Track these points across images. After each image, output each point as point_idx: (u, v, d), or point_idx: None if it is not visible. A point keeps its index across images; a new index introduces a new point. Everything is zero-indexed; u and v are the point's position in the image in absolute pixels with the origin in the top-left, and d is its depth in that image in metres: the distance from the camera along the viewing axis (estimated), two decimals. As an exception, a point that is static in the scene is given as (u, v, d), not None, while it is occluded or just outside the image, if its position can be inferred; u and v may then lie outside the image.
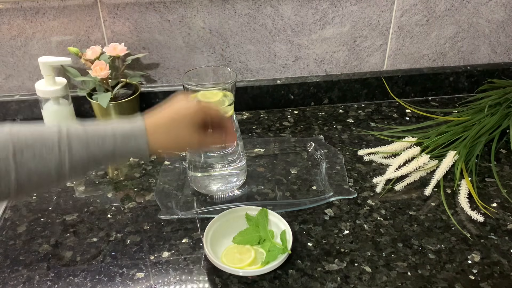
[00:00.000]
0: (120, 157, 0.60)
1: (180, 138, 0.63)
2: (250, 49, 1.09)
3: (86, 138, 0.56)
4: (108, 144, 0.57)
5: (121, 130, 0.59)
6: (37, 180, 0.53)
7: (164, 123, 0.61)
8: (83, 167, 0.57)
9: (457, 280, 0.69)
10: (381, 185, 0.87)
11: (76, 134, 0.56)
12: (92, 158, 0.57)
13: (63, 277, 0.70)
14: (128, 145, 0.59)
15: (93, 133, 0.57)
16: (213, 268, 0.70)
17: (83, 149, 0.56)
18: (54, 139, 0.54)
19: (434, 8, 1.10)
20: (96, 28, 1.02)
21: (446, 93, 1.20)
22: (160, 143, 0.61)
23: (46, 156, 0.53)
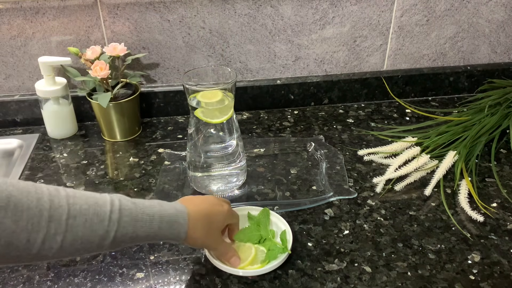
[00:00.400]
0: (157, 239, 0.60)
1: (211, 235, 0.66)
2: (250, 49, 1.09)
3: (136, 215, 0.57)
4: (154, 226, 0.58)
5: (168, 216, 0.60)
6: (78, 247, 0.52)
7: (201, 217, 0.64)
8: (122, 242, 0.56)
9: (457, 280, 0.69)
10: (381, 185, 0.87)
11: (127, 209, 0.56)
12: (135, 236, 0.57)
13: (63, 277, 0.70)
14: (170, 231, 0.60)
15: (142, 211, 0.57)
16: (213, 268, 0.70)
17: (131, 225, 0.56)
18: (107, 209, 0.54)
19: (434, 8, 1.10)
20: (96, 28, 1.02)
21: (446, 93, 1.20)
22: (194, 234, 0.63)
23: (96, 225, 0.53)
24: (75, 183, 0.90)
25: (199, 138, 0.83)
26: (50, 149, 1.01)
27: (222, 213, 0.67)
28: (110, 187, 0.89)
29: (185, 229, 0.61)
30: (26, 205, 0.48)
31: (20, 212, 0.47)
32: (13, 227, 0.46)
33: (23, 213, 0.47)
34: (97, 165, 0.96)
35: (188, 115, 0.95)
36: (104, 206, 0.54)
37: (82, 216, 0.52)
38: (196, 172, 0.86)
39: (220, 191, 0.86)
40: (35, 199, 0.49)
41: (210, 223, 0.65)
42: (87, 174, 0.93)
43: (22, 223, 0.47)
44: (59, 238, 0.50)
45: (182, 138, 1.04)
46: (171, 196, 0.86)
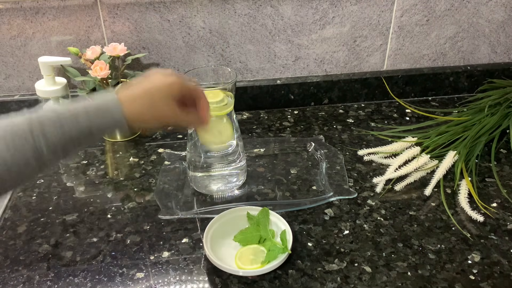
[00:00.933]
0: (98, 133, 0.58)
1: (157, 110, 0.61)
2: (250, 49, 1.09)
3: (59, 119, 0.54)
4: (82, 121, 0.56)
5: (94, 105, 0.57)
6: (17, 171, 0.52)
7: (138, 94, 0.60)
8: (63, 150, 0.55)
9: (457, 280, 0.69)
10: (381, 185, 0.87)
11: (47, 118, 0.54)
12: (69, 139, 0.55)
13: (63, 277, 0.70)
14: (104, 119, 0.57)
15: (65, 113, 0.55)
16: (213, 268, 0.70)
17: (58, 131, 0.54)
18: (25, 127, 0.52)
19: (434, 8, 1.10)
20: (96, 28, 1.02)
21: (446, 93, 1.20)
22: (136, 115, 0.59)
23: (20, 146, 0.51)
24: (75, 183, 0.90)
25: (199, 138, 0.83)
26: (50, 149, 1.01)
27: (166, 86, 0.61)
28: (110, 187, 0.89)
29: (119, 111, 0.57)
30: None
31: None
32: None
33: None
34: (97, 165, 0.96)
35: (188, 115, 0.95)
36: (22, 125, 0.52)
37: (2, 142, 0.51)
38: (196, 172, 0.86)
39: (220, 191, 0.86)
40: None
41: (151, 98, 0.60)
42: (87, 174, 0.93)
43: None
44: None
45: (182, 138, 1.04)
46: (171, 196, 0.86)
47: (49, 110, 0.55)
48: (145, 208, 0.84)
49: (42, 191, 0.88)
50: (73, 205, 0.85)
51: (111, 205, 0.84)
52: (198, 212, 0.82)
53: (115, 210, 0.83)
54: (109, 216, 0.82)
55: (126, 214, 0.82)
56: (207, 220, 0.77)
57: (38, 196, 0.87)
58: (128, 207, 0.84)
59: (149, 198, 0.86)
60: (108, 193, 0.88)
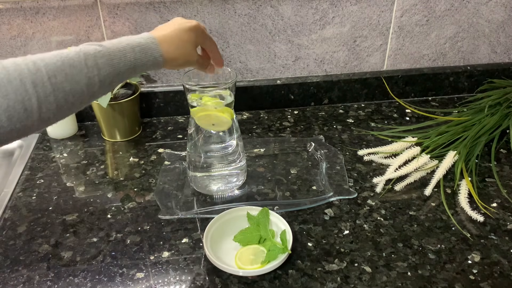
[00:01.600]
0: (139, 69, 0.63)
1: (185, 49, 0.68)
2: (250, 49, 1.09)
3: (109, 54, 0.59)
4: (129, 57, 0.61)
5: (137, 44, 0.63)
6: (72, 101, 0.55)
7: (170, 36, 0.67)
8: (110, 82, 0.60)
9: (457, 280, 0.69)
10: (381, 185, 0.87)
11: (98, 51, 0.58)
12: (117, 72, 0.60)
13: (63, 277, 0.70)
14: (146, 56, 0.63)
15: (114, 49, 0.60)
16: (213, 268, 0.70)
17: (108, 64, 0.59)
18: (81, 59, 0.56)
19: (434, 8, 1.10)
20: (96, 28, 1.02)
21: (446, 93, 1.20)
22: (169, 54, 0.66)
23: (77, 76, 0.55)
24: (75, 183, 0.90)
25: (199, 138, 0.83)
26: (50, 149, 1.01)
27: (191, 27, 0.69)
28: (110, 187, 0.89)
29: (160, 51, 0.65)
30: (6, 79, 0.50)
31: (4, 88, 0.50)
32: (6, 102, 0.50)
33: (7, 87, 0.50)
34: (97, 165, 0.96)
35: (188, 115, 0.95)
36: (76, 57, 0.56)
37: (61, 72, 0.54)
38: (196, 172, 0.86)
39: (220, 191, 0.86)
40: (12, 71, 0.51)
41: (181, 39, 0.68)
42: (87, 174, 0.93)
43: (11, 96, 0.50)
44: (51, 99, 0.53)
45: (182, 138, 1.04)
46: (171, 196, 0.86)
47: (96, 44, 0.59)
48: (145, 208, 0.84)
49: (42, 191, 0.88)
50: (73, 205, 0.85)
51: (111, 205, 0.84)
52: (198, 212, 0.82)
53: (115, 210, 0.83)
54: (109, 216, 0.82)
55: (126, 214, 0.82)
56: (207, 220, 0.77)
57: (38, 196, 0.87)
58: (128, 207, 0.84)
59: (149, 198, 0.86)
60: (108, 193, 0.88)
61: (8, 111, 0.50)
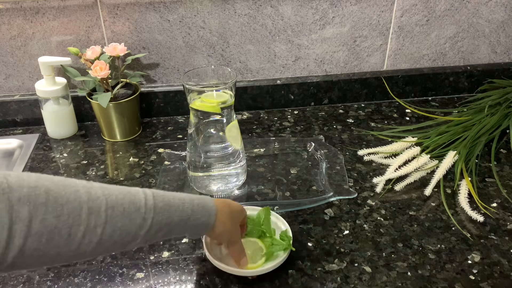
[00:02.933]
0: (190, 226, 0.59)
1: (232, 227, 0.66)
2: (250, 49, 1.09)
3: (168, 199, 0.56)
4: (186, 209, 0.58)
5: (197, 198, 0.61)
6: (116, 239, 0.50)
7: (226, 211, 0.65)
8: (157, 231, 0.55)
9: (457, 280, 0.69)
10: (381, 185, 0.87)
11: (160, 195, 0.56)
12: (169, 222, 0.56)
13: (63, 277, 0.70)
14: (201, 217, 0.60)
15: (173, 196, 0.57)
16: (213, 268, 0.70)
17: (166, 211, 0.55)
18: (141, 197, 0.53)
19: (434, 8, 1.10)
20: (96, 28, 1.02)
21: (446, 93, 1.20)
22: (219, 225, 0.63)
23: (133, 214, 0.51)
24: (75, 183, 0.90)
25: (199, 138, 0.83)
26: (50, 149, 1.01)
27: (240, 208, 0.69)
28: (110, 187, 0.89)
29: (215, 212, 0.62)
30: (65, 198, 0.46)
31: (61, 207, 0.45)
32: (55, 222, 0.45)
33: (63, 207, 0.46)
34: (97, 165, 0.96)
35: (188, 115, 0.95)
36: (137, 194, 0.53)
37: (120, 206, 0.50)
38: (196, 172, 0.86)
39: (220, 191, 0.86)
40: (72, 192, 0.47)
41: (232, 215, 0.66)
42: (87, 174, 0.93)
43: (63, 218, 0.45)
44: (99, 230, 0.48)
45: (182, 138, 1.04)
46: (171, 196, 0.86)
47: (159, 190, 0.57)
48: (145, 208, 0.83)
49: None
50: (73, 205, 0.84)
51: (111, 205, 0.84)
52: (198, 212, 0.82)
53: (115, 210, 0.83)
54: (109, 216, 0.82)
55: (126, 214, 0.82)
56: (207, 220, 0.77)
57: (38, 196, 0.87)
58: (128, 207, 0.84)
59: (149, 198, 0.86)
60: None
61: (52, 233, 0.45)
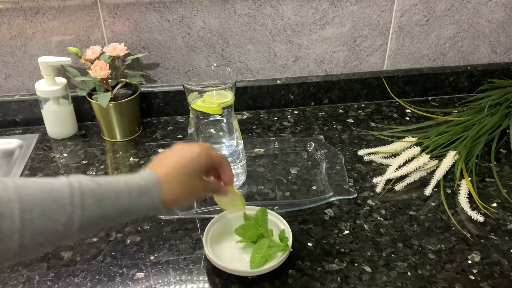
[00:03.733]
0: (133, 215, 0.55)
1: (190, 187, 0.60)
2: (250, 49, 1.09)
3: (100, 193, 0.51)
4: (123, 200, 0.53)
5: (136, 185, 0.55)
6: (41, 241, 0.47)
7: (173, 173, 0.58)
8: (93, 225, 0.51)
9: (457, 280, 0.69)
10: (381, 185, 0.87)
11: (89, 189, 0.51)
12: (104, 216, 0.51)
13: (63, 277, 0.70)
14: (143, 202, 0.55)
15: (107, 187, 0.52)
16: (213, 268, 0.70)
17: (96, 205, 0.50)
18: (65, 194, 0.49)
19: (434, 8, 1.10)
20: (96, 28, 1.02)
21: (446, 93, 1.20)
22: (172, 197, 0.58)
23: (56, 214, 0.47)
24: (75, 183, 0.90)
25: (199, 138, 0.83)
26: (50, 149, 1.01)
27: (195, 158, 0.60)
28: (110, 187, 0.89)
29: (159, 196, 0.56)
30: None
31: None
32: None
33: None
34: (97, 165, 0.96)
35: (188, 115, 0.95)
36: (62, 190, 0.49)
37: (38, 207, 0.46)
38: (196, 172, 0.86)
39: (220, 191, 0.86)
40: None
41: (186, 176, 0.59)
42: (87, 174, 0.93)
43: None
44: (15, 237, 0.44)
45: (182, 138, 1.04)
46: (171, 196, 0.86)
47: (91, 180, 0.52)
48: (145, 208, 0.83)
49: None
50: (73, 205, 0.84)
51: (111, 205, 0.84)
52: (198, 212, 0.82)
53: (115, 210, 0.83)
54: (109, 216, 0.82)
55: (126, 214, 0.82)
56: (207, 220, 0.77)
57: (38, 196, 0.87)
58: (128, 207, 0.84)
59: (149, 198, 0.86)
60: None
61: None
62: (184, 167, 0.59)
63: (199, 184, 0.61)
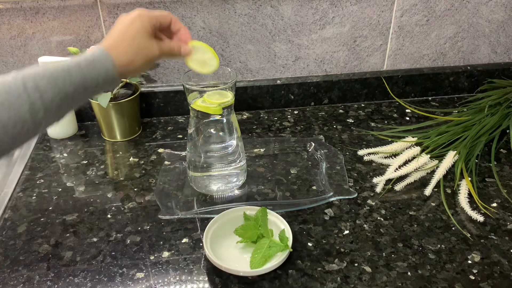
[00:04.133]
0: (91, 87, 0.57)
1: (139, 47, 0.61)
2: (250, 49, 1.09)
3: (52, 75, 0.53)
4: (75, 75, 0.54)
5: (83, 58, 0.56)
6: (13, 132, 0.50)
7: (118, 39, 0.59)
8: (58, 107, 0.53)
9: (457, 280, 0.69)
10: (381, 185, 0.87)
11: (39, 74, 0.52)
12: (64, 94, 0.53)
13: (63, 277, 0.70)
14: (96, 70, 0.56)
15: (57, 69, 0.54)
16: (213, 268, 0.70)
17: (52, 86, 0.52)
18: (18, 83, 0.50)
19: (434, 8, 1.10)
20: (96, 28, 1.02)
21: (446, 93, 1.20)
22: (124, 60, 0.59)
23: (16, 103, 0.49)
24: (75, 183, 0.90)
25: (199, 138, 0.83)
26: (50, 149, 1.01)
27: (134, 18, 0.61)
28: (110, 187, 0.89)
29: (109, 59, 0.57)
30: None
31: None
32: None
33: None
34: (97, 165, 0.96)
35: (188, 115, 0.95)
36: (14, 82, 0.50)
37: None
38: (196, 172, 0.86)
39: (220, 191, 0.86)
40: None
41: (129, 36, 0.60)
42: (87, 174, 0.93)
43: None
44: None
45: (182, 138, 1.04)
46: (171, 196, 0.86)
47: (39, 67, 0.53)
48: (145, 208, 0.84)
49: (42, 191, 0.88)
50: (73, 205, 0.85)
51: (111, 205, 0.84)
52: (198, 212, 0.82)
53: (115, 210, 0.83)
54: (109, 216, 0.82)
55: (126, 214, 0.82)
56: (207, 220, 0.77)
57: (38, 196, 0.87)
58: (128, 207, 0.84)
59: (149, 198, 0.86)
60: (108, 193, 0.88)
61: None
62: (127, 30, 0.60)
63: (149, 44, 0.62)
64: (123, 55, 0.59)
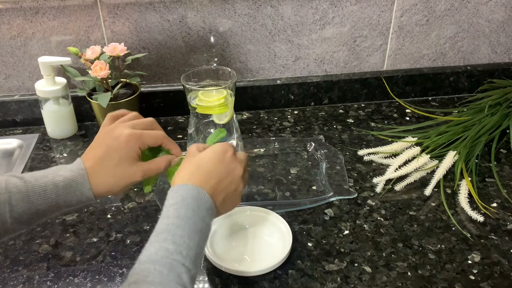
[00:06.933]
0: (65, 206, 0.58)
1: (122, 176, 0.59)
2: (250, 49, 1.09)
3: (26, 190, 0.55)
4: (50, 195, 0.56)
5: (62, 178, 0.56)
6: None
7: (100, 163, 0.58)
8: (28, 219, 0.55)
9: (457, 280, 0.69)
10: (381, 185, 0.87)
11: (15, 186, 0.54)
12: (35, 210, 0.55)
13: (63, 277, 0.70)
14: (71, 194, 0.57)
15: (33, 184, 0.55)
16: (213, 268, 0.70)
17: (25, 202, 0.54)
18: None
19: (434, 8, 1.10)
20: (96, 28, 1.02)
21: (446, 93, 1.20)
22: (103, 189, 0.58)
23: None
24: (75, 183, 0.90)
25: (199, 138, 0.83)
26: (50, 149, 1.01)
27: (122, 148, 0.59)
28: (110, 187, 0.89)
29: (88, 187, 0.57)
30: None
31: None
32: None
33: None
34: (97, 165, 0.95)
35: (188, 115, 0.95)
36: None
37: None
38: (196, 172, 0.86)
39: (220, 191, 0.86)
40: None
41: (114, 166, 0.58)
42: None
43: None
44: None
45: (182, 138, 1.04)
46: (171, 196, 0.86)
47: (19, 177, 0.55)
48: (145, 208, 0.84)
49: None
50: (73, 205, 0.84)
51: (111, 205, 0.84)
52: (198, 212, 0.82)
53: (115, 210, 0.83)
54: (109, 216, 0.82)
55: (126, 214, 0.82)
56: (207, 220, 0.77)
57: (38, 196, 0.87)
58: (128, 207, 0.84)
59: (149, 198, 0.86)
60: None
61: None
62: (111, 155, 0.58)
63: (132, 171, 0.59)
64: (102, 183, 0.58)
